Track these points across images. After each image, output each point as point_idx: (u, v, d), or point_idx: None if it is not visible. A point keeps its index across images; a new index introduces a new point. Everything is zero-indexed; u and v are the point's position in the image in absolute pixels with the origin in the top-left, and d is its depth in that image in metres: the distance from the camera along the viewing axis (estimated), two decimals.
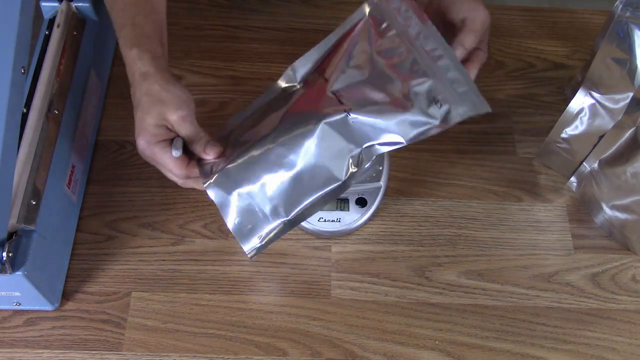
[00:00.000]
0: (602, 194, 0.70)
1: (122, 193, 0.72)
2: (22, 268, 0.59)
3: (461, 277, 0.69)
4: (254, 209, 0.62)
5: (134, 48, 0.62)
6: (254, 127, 0.65)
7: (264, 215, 0.62)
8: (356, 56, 0.64)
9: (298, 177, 0.61)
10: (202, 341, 0.65)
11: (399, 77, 0.62)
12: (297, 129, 0.61)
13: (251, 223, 0.62)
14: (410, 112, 0.60)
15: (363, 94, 0.62)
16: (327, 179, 0.61)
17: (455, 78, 0.61)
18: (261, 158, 0.62)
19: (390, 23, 0.64)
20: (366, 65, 0.63)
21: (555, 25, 0.88)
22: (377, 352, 0.65)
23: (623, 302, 0.69)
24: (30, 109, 0.65)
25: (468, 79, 0.61)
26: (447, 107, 0.60)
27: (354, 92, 0.62)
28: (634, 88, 0.63)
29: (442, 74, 0.61)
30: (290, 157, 0.61)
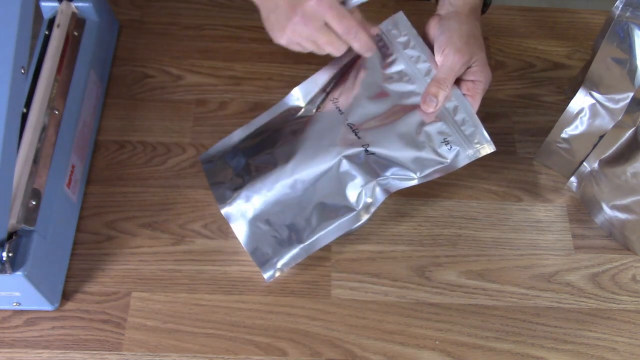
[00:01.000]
0: (602, 194, 0.70)
1: (122, 193, 0.72)
2: (22, 268, 0.59)
3: (461, 277, 0.69)
4: (272, 236, 0.65)
5: None
6: (268, 150, 0.67)
7: (282, 242, 0.65)
8: (368, 88, 0.67)
9: (315, 206, 0.65)
10: (202, 341, 0.65)
11: (410, 114, 0.65)
12: (316, 160, 0.64)
13: (270, 249, 0.65)
14: (424, 151, 0.64)
15: (379, 130, 0.65)
16: (343, 208, 0.64)
17: (462, 119, 0.65)
18: (280, 186, 0.65)
19: (397, 57, 0.67)
20: (379, 99, 0.66)
21: (555, 25, 0.88)
22: (377, 352, 0.65)
23: (623, 302, 0.69)
24: (30, 109, 0.65)
25: (475, 119, 0.65)
26: (456, 150, 0.64)
27: (370, 127, 0.65)
28: (634, 88, 0.63)
29: (450, 115, 0.65)
30: (309, 187, 0.65)
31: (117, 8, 0.85)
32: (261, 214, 0.66)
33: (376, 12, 0.86)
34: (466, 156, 0.64)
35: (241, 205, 0.66)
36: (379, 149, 0.64)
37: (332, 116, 0.66)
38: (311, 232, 0.65)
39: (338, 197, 0.64)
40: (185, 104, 0.79)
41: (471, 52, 0.65)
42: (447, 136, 0.64)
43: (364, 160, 0.64)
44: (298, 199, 0.65)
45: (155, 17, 0.85)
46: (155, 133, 0.76)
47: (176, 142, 0.76)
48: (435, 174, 0.64)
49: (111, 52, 0.82)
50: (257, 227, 0.66)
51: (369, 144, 0.64)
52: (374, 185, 0.64)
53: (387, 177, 0.64)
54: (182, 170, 0.74)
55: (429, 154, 0.64)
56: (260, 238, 0.66)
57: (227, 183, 0.68)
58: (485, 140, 0.65)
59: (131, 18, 0.85)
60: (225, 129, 0.76)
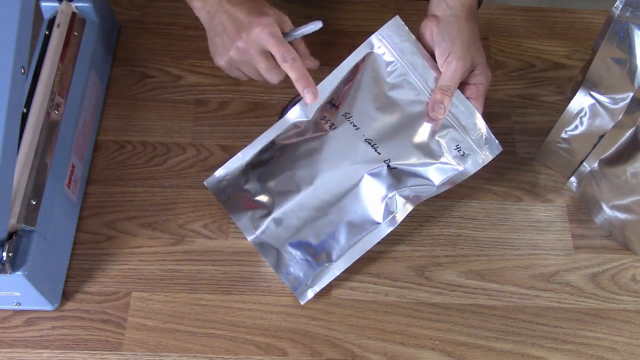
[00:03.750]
0: (602, 194, 0.70)
1: (122, 193, 0.72)
2: (22, 268, 0.59)
3: (461, 277, 0.69)
4: (302, 259, 0.66)
5: None
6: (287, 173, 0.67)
7: (313, 264, 0.66)
8: (376, 99, 0.67)
9: (343, 225, 0.66)
10: (202, 341, 0.65)
11: (421, 124, 0.66)
12: (341, 181, 0.65)
13: (301, 272, 0.66)
14: (440, 160, 0.66)
15: (396, 143, 0.66)
16: (369, 223, 0.65)
17: (469, 124, 0.66)
18: (307, 211, 0.66)
19: (399, 65, 0.67)
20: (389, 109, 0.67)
21: (555, 25, 0.88)
22: (377, 352, 0.65)
23: (623, 302, 0.69)
24: (30, 109, 0.65)
25: (481, 123, 0.66)
26: (469, 155, 0.66)
27: (387, 140, 0.66)
28: (634, 88, 0.63)
29: (457, 121, 0.66)
30: (335, 208, 0.65)
31: (117, 8, 0.85)
32: (291, 239, 0.66)
33: (376, 12, 0.87)
34: (477, 161, 0.66)
35: (270, 233, 0.66)
36: (400, 162, 0.65)
37: (349, 133, 0.66)
38: (340, 251, 0.65)
39: (363, 213, 0.65)
40: (185, 104, 0.79)
41: (473, 58, 0.66)
42: (459, 142, 0.66)
43: (387, 174, 0.65)
44: (326, 221, 0.66)
45: (155, 17, 0.85)
46: (155, 133, 0.76)
47: (176, 142, 0.76)
48: (451, 181, 0.66)
49: (111, 52, 0.82)
50: (287, 252, 0.66)
51: (390, 159, 0.65)
52: (395, 196, 0.65)
53: (407, 187, 0.65)
54: (182, 170, 0.74)
55: (445, 162, 0.66)
56: (291, 263, 0.66)
57: (249, 211, 0.67)
58: (493, 143, 0.67)
59: (131, 18, 0.85)
60: (225, 129, 0.77)
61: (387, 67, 0.67)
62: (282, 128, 0.68)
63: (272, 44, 0.65)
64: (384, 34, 0.67)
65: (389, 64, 0.67)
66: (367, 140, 0.66)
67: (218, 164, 0.74)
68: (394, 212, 0.65)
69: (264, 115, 0.78)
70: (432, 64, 0.67)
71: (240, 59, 0.68)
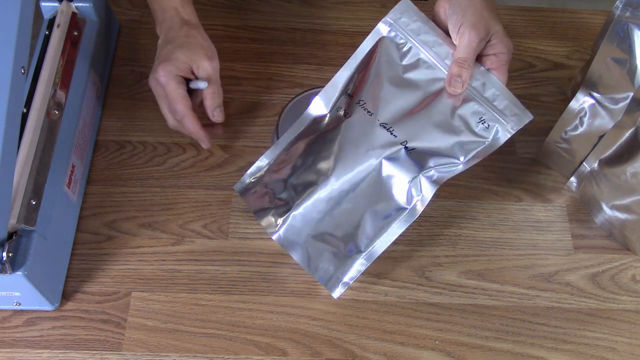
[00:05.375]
0: (602, 194, 0.70)
1: (122, 193, 0.72)
2: (22, 268, 0.59)
3: (461, 277, 0.69)
4: (329, 252, 0.65)
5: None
6: (305, 167, 0.66)
7: (341, 256, 0.65)
8: (391, 82, 0.65)
9: (366, 214, 0.64)
10: (202, 341, 0.65)
11: (440, 101, 0.64)
12: (357, 169, 0.64)
13: (331, 265, 0.65)
14: (462, 135, 0.63)
15: (413, 123, 0.64)
16: (394, 210, 0.64)
17: (493, 95, 0.64)
18: (327, 203, 0.64)
19: (412, 45, 0.66)
20: (405, 91, 0.65)
21: (555, 25, 0.88)
22: (377, 352, 0.65)
23: (623, 302, 0.69)
24: (30, 109, 0.65)
25: (505, 91, 0.64)
26: (494, 127, 0.63)
27: (403, 122, 0.64)
28: (634, 88, 0.63)
29: (479, 94, 0.64)
30: (356, 197, 0.64)
31: (117, 8, 0.86)
32: (314, 232, 0.65)
33: (376, 12, 0.87)
34: (506, 131, 0.63)
35: (293, 229, 0.66)
36: (418, 142, 0.63)
37: (363, 120, 0.64)
38: (369, 241, 0.64)
39: (387, 200, 0.63)
40: None
41: (487, 25, 0.62)
42: (482, 115, 0.63)
43: (405, 157, 0.63)
44: (348, 211, 0.64)
45: None
46: (155, 133, 0.76)
47: (176, 142, 0.76)
48: (478, 156, 0.63)
49: (111, 52, 0.82)
50: (313, 247, 0.65)
51: (407, 140, 0.63)
52: (419, 179, 0.62)
53: (431, 169, 0.63)
54: (182, 170, 0.74)
55: (468, 137, 0.63)
56: (319, 256, 0.65)
57: (272, 209, 0.67)
58: (521, 110, 0.63)
59: (131, 18, 0.85)
60: (226, 129, 0.77)
61: (399, 49, 0.65)
62: (304, 124, 0.66)
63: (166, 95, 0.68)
64: (393, 17, 0.65)
65: (401, 45, 0.65)
66: (382, 125, 0.64)
67: (218, 164, 0.75)
68: (420, 195, 0.63)
69: (264, 115, 0.78)
70: (446, 40, 0.64)
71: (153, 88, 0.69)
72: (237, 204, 0.72)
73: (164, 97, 0.68)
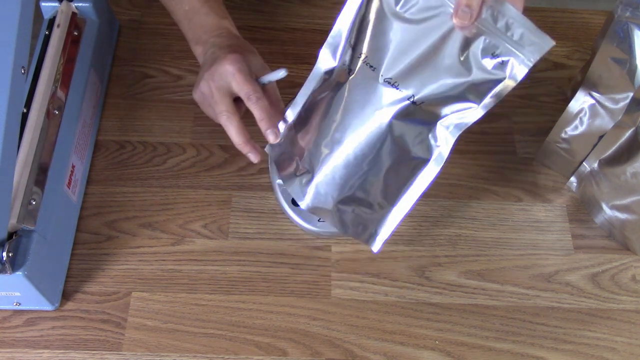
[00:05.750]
0: (602, 194, 0.70)
1: (122, 193, 0.72)
2: (22, 268, 0.59)
3: (461, 277, 0.69)
4: (358, 214, 0.63)
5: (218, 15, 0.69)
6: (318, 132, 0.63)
7: (372, 214, 0.62)
8: (393, 28, 0.59)
9: (387, 174, 0.61)
10: (202, 341, 0.65)
11: (447, 44, 0.57)
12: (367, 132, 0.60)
13: (362, 224, 0.63)
14: (474, 75, 0.57)
15: (419, 73, 0.58)
16: (416, 163, 0.60)
17: (506, 24, 0.57)
18: (345, 168, 0.61)
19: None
20: (406, 39, 0.58)
21: (555, 25, 0.88)
22: (377, 352, 0.65)
23: (623, 302, 0.69)
24: (30, 109, 0.65)
25: (521, 19, 0.57)
26: (509, 60, 0.57)
27: (408, 74, 0.59)
28: (634, 88, 0.63)
29: (490, 26, 0.57)
30: (373, 160, 0.61)
31: (117, 8, 0.85)
32: (340, 198, 0.62)
33: None
34: (523, 63, 0.56)
35: (318, 197, 0.63)
36: (426, 92, 0.58)
37: (366, 77, 0.60)
38: (395, 196, 0.61)
39: (406, 158, 0.60)
40: (185, 104, 0.79)
41: None
42: (495, 49, 0.56)
43: (416, 111, 0.59)
44: (368, 174, 0.61)
45: (155, 17, 0.85)
46: (155, 133, 0.76)
47: (176, 142, 0.76)
48: (497, 95, 0.57)
49: (111, 52, 0.82)
50: (342, 211, 0.63)
51: (414, 93, 0.58)
52: (437, 129, 0.59)
53: (448, 116, 0.58)
54: (182, 170, 0.74)
55: (481, 75, 0.57)
56: (349, 218, 0.63)
57: (297, 177, 0.64)
58: (539, 37, 0.56)
59: (131, 18, 0.85)
60: None
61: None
62: (316, 81, 0.63)
63: (238, 80, 0.62)
64: None
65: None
66: (386, 81, 0.59)
67: (218, 164, 0.75)
68: (441, 144, 0.59)
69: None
70: None
71: (207, 95, 0.65)
72: (237, 204, 0.72)
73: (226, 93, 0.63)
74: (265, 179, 0.74)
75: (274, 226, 0.71)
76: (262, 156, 0.65)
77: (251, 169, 0.75)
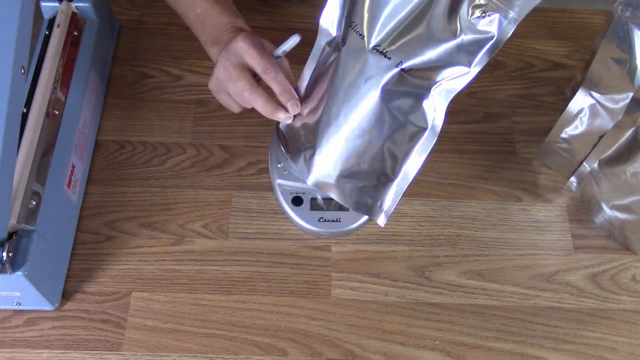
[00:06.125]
0: (602, 194, 0.70)
1: (122, 193, 0.72)
2: (22, 268, 0.59)
3: (461, 277, 0.69)
4: (360, 187, 0.63)
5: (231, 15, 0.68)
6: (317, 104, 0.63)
7: (374, 187, 0.62)
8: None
9: (385, 144, 0.61)
10: (202, 341, 0.65)
11: (433, 6, 0.57)
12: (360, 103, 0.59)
13: (367, 197, 0.63)
14: (462, 36, 0.56)
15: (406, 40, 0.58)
16: (414, 133, 0.60)
17: None
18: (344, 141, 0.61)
19: None
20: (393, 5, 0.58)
21: (555, 25, 0.88)
22: (377, 352, 0.65)
23: (623, 302, 0.69)
24: (30, 109, 0.65)
25: None
26: (496, 17, 0.56)
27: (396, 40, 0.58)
28: (634, 88, 0.63)
29: None
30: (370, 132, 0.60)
31: (117, 8, 0.86)
32: (342, 172, 0.63)
33: None
34: (511, 20, 0.55)
35: (321, 172, 0.63)
36: (415, 59, 0.57)
37: (356, 47, 0.59)
38: (397, 167, 0.61)
39: (402, 128, 0.60)
40: (185, 104, 0.79)
41: None
42: (482, 6, 0.55)
43: (406, 79, 0.58)
44: (367, 147, 0.61)
45: (155, 17, 0.85)
46: (155, 133, 0.76)
47: (176, 142, 0.76)
48: (487, 54, 0.57)
49: (111, 52, 0.82)
50: (345, 186, 0.63)
51: (402, 60, 0.57)
52: (431, 95, 0.58)
53: (440, 82, 0.58)
54: (182, 170, 0.74)
55: (470, 35, 0.56)
56: (354, 193, 0.63)
57: (302, 153, 0.65)
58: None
59: (131, 18, 0.85)
60: (225, 129, 0.77)
61: None
62: (318, 52, 0.62)
63: (252, 55, 0.62)
64: None
65: None
66: (375, 48, 0.58)
67: (218, 164, 0.75)
68: (436, 111, 0.59)
69: (264, 115, 0.78)
70: None
71: (223, 78, 0.64)
72: (237, 204, 0.72)
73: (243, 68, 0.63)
74: (265, 179, 0.74)
75: (274, 226, 0.71)
76: (296, 110, 0.63)
77: (251, 169, 0.75)
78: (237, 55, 0.63)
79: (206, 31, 0.69)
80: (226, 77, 0.64)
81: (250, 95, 0.62)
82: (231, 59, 0.63)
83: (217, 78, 0.65)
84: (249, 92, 0.62)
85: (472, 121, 0.79)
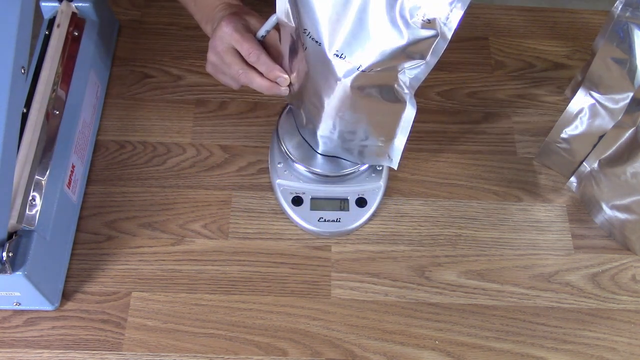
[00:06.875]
0: (602, 194, 0.70)
1: (122, 193, 0.72)
2: (22, 268, 0.59)
3: (461, 277, 0.69)
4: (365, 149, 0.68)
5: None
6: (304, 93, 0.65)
7: (378, 147, 0.67)
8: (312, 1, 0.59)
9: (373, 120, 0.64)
10: (202, 341, 0.65)
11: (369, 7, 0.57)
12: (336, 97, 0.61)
13: (374, 153, 0.68)
14: (409, 39, 0.56)
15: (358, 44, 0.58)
16: (395, 109, 0.63)
17: None
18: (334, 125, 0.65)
19: None
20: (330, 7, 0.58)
21: (555, 25, 0.88)
22: (377, 352, 0.65)
23: (623, 302, 0.69)
24: (30, 109, 0.65)
25: None
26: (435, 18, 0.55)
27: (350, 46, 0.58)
28: (634, 88, 0.63)
29: None
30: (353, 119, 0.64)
31: (117, 8, 0.86)
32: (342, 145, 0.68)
33: None
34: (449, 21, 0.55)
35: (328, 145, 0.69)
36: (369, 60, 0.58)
37: (317, 52, 0.59)
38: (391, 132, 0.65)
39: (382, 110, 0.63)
40: (185, 104, 0.79)
41: None
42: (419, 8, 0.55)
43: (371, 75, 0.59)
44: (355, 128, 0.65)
45: (155, 17, 0.85)
46: (155, 133, 0.76)
47: (176, 142, 0.76)
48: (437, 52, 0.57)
49: (111, 52, 0.82)
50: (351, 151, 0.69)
51: (360, 63, 0.58)
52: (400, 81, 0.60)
53: (404, 70, 0.60)
54: (182, 170, 0.74)
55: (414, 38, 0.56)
56: (362, 154, 0.69)
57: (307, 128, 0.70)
58: None
59: (131, 18, 0.85)
60: (225, 129, 0.77)
61: None
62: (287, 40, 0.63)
63: (236, 39, 0.63)
64: None
65: None
66: (334, 54, 0.58)
67: (218, 164, 0.75)
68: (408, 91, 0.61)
69: (264, 115, 0.78)
70: None
71: (217, 62, 0.66)
72: (237, 204, 0.72)
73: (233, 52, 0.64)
74: (265, 179, 0.74)
75: (273, 226, 0.71)
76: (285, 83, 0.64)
77: (251, 169, 0.75)
78: (224, 41, 0.64)
79: (199, 10, 0.70)
80: (220, 62, 0.65)
81: (246, 77, 0.64)
82: (219, 45, 0.64)
83: (211, 63, 0.67)
84: (244, 75, 0.64)
85: (472, 121, 0.79)
